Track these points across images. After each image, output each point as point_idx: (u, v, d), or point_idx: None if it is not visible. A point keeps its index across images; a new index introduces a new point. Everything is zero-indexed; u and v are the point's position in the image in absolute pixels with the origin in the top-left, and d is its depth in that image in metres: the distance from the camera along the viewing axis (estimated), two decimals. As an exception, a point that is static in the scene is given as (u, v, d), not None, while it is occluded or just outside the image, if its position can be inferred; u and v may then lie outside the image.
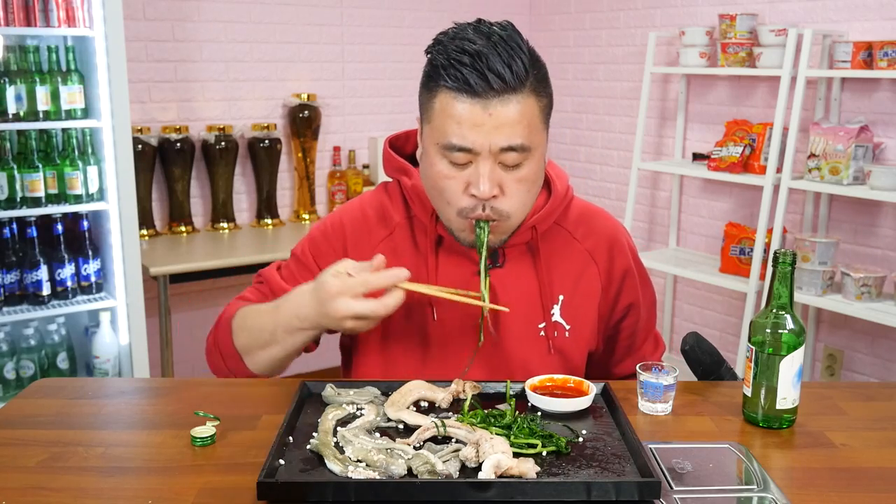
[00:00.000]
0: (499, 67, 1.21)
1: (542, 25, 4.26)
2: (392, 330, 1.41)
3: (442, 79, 1.24)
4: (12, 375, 2.82)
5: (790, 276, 1.20)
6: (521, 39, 1.26)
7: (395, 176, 1.45)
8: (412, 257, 1.41)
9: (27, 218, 2.75)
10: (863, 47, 2.85)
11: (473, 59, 1.22)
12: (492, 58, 1.21)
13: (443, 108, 1.25)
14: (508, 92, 1.22)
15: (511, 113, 1.23)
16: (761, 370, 1.21)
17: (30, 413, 1.25)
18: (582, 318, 1.44)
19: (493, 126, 1.22)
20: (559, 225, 1.44)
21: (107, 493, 1.02)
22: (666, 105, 3.78)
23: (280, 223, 3.63)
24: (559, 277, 1.43)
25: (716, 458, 1.11)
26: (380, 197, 1.47)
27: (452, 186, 1.28)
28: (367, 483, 0.99)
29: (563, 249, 1.44)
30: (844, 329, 3.18)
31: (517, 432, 1.10)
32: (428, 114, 1.29)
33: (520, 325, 1.40)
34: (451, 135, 1.24)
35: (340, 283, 1.21)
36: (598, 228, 1.47)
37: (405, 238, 1.43)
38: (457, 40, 1.25)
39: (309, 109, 3.63)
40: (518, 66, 1.22)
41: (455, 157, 1.26)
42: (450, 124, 1.24)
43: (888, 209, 3.00)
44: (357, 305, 1.21)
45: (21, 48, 2.71)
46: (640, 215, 3.93)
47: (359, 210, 1.46)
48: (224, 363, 1.41)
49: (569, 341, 1.43)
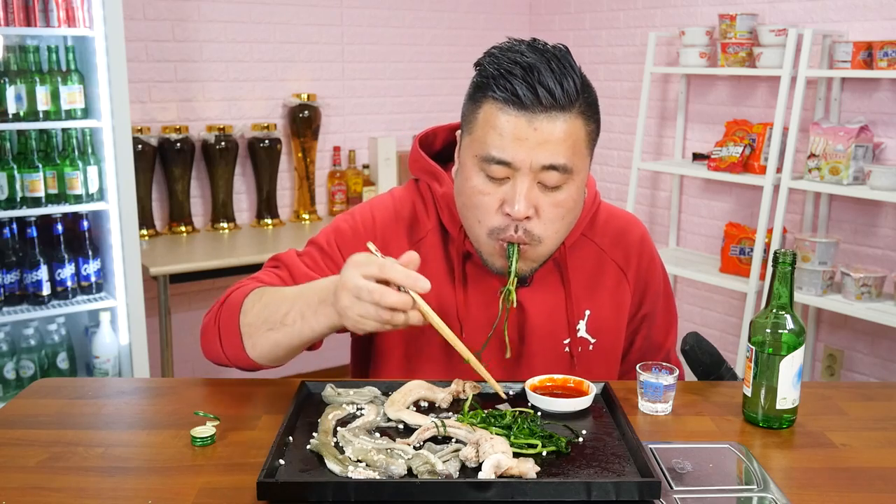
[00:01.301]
0: (550, 83, 1.18)
1: (542, 25, 4.26)
2: (416, 345, 1.39)
3: (490, 89, 1.21)
4: (12, 375, 2.83)
5: (790, 276, 1.20)
6: (575, 63, 1.23)
7: (425, 179, 1.40)
8: (441, 267, 1.37)
9: (27, 218, 2.75)
10: (863, 47, 2.85)
11: (526, 71, 1.18)
12: (544, 72, 1.18)
13: (487, 118, 1.21)
14: (556, 109, 1.19)
15: (557, 131, 1.19)
16: (761, 370, 1.21)
17: (30, 413, 1.25)
18: (610, 332, 1.42)
19: (536, 142, 1.19)
20: (587, 237, 1.42)
21: (107, 493, 1.02)
22: (666, 105, 3.78)
23: (280, 223, 3.63)
24: (587, 292, 1.41)
25: (716, 458, 1.11)
26: (412, 199, 1.41)
27: (486, 203, 1.23)
28: (367, 483, 0.98)
29: (592, 262, 1.42)
30: (844, 329, 3.18)
31: (517, 432, 1.10)
32: (470, 125, 1.25)
33: (544, 343, 1.39)
34: (491, 146, 1.20)
35: (364, 257, 1.11)
36: (627, 239, 1.45)
37: (435, 246, 1.38)
38: (510, 52, 1.22)
39: (309, 109, 3.63)
40: (570, 84, 1.19)
41: (493, 171, 1.21)
42: (492, 135, 1.20)
43: (888, 209, 3.00)
44: (361, 283, 1.08)
45: (21, 48, 2.71)
46: (641, 215, 3.93)
47: (392, 209, 1.40)
48: (220, 343, 1.29)
49: (593, 356, 1.41)
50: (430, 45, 4.01)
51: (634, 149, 3.64)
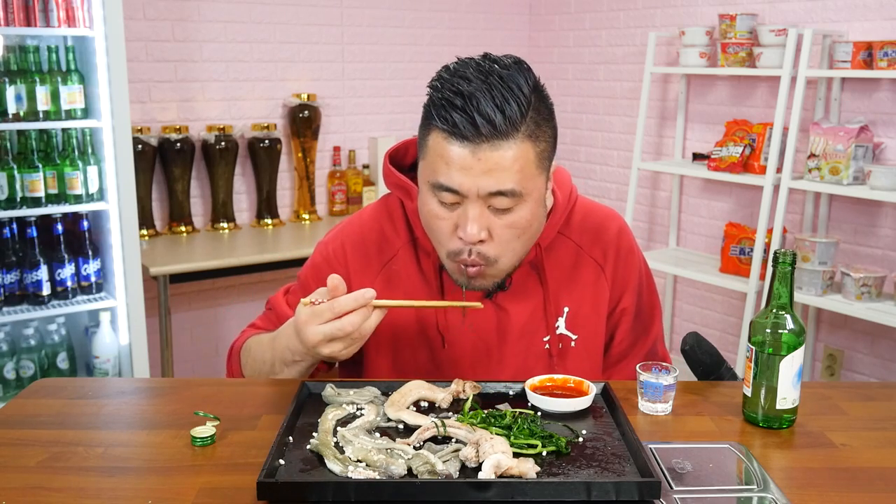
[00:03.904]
0: (489, 112, 1.17)
1: (542, 25, 4.26)
2: (401, 360, 1.41)
3: (433, 119, 1.21)
4: (12, 375, 2.83)
5: (790, 276, 1.19)
6: (525, 79, 1.21)
7: (396, 193, 1.42)
8: (417, 280, 1.40)
9: (27, 218, 2.75)
10: (863, 47, 2.85)
11: (466, 101, 1.17)
12: (483, 101, 1.17)
13: (434, 147, 1.23)
14: (499, 137, 1.18)
15: (500, 159, 1.19)
16: (761, 370, 1.21)
17: (30, 413, 1.25)
18: (591, 327, 1.43)
19: (481, 170, 1.19)
20: (563, 235, 1.43)
21: (107, 493, 1.02)
22: (666, 105, 3.78)
23: (280, 223, 3.63)
24: (566, 289, 1.42)
25: (716, 458, 1.11)
26: (380, 218, 1.44)
27: (442, 227, 1.26)
28: (367, 483, 0.98)
29: (570, 260, 1.43)
30: (844, 329, 3.18)
31: (517, 432, 1.10)
32: (423, 150, 1.26)
33: (524, 341, 1.40)
34: (439, 174, 1.22)
35: (308, 312, 1.20)
36: (605, 234, 1.45)
37: (409, 261, 1.41)
38: (455, 79, 1.21)
39: (309, 109, 3.63)
40: (512, 109, 1.18)
41: (444, 197, 1.23)
42: (439, 164, 1.21)
43: (888, 209, 3.00)
44: (325, 328, 1.18)
45: (21, 48, 2.71)
46: (640, 215, 3.93)
47: (359, 235, 1.44)
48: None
49: (576, 351, 1.43)
50: (430, 45, 4.01)
51: (634, 149, 3.64)
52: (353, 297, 1.18)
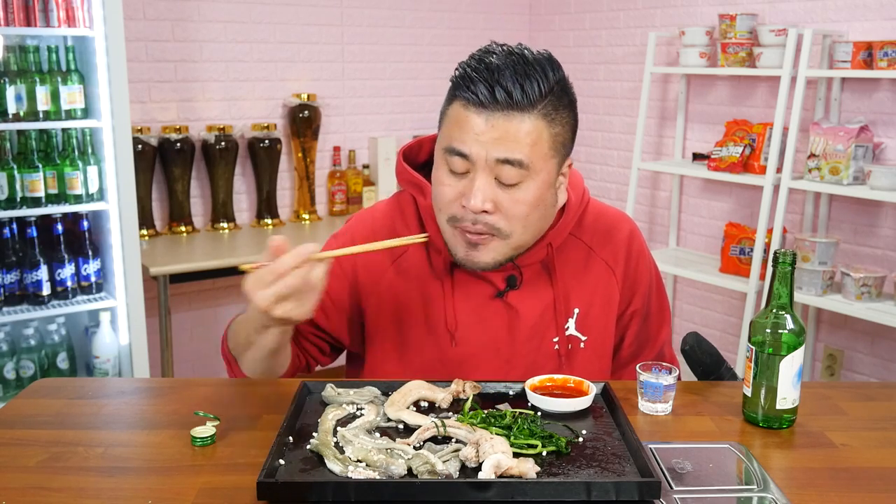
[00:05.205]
0: (508, 84, 1.21)
1: (542, 25, 4.26)
2: (408, 359, 1.41)
3: (457, 89, 1.26)
4: (12, 375, 2.83)
5: (790, 276, 1.20)
6: (553, 68, 1.25)
7: (409, 190, 1.43)
8: (427, 278, 1.40)
9: (27, 218, 2.75)
10: (863, 47, 2.85)
11: (490, 72, 1.22)
12: (506, 74, 1.22)
13: (453, 115, 1.27)
14: (514, 109, 1.22)
15: (512, 129, 1.23)
16: (761, 370, 1.21)
17: (30, 413, 1.25)
18: (600, 328, 1.44)
19: (491, 137, 1.23)
20: (575, 236, 1.43)
21: (107, 493, 1.02)
22: (666, 105, 3.78)
23: (280, 223, 3.63)
24: (576, 290, 1.42)
25: (716, 458, 1.11)
26: (392, 214, 1.45)
27: (447, 193, 1.28)
28: (367, 483, 0.98)
29: (581, 261, 1.43)
30: (844, 329, 3.18)
31: (517, 432, 1.10)
32: (442, 121, 1.31)
33: (534, 341, 1.40)
34: (452, 139, 1.26)
35: (252, 279, 1.15)
36: (616, 237, 1.46)
37: (420, 259, 1.41)
38: (485, 55, 1.26)
39: (309, 109, 3.63)
40: (532, 87, 1.22)
41: (454, 164, 1.26)
42: (454, 130, 1.26)
43: (888, 209, 3.00)
44: (270, 290, 1.13)
45: (21, 48, 2.71)
46: (640, 215, 3.93)
47: (370, 229, 1.44)
48: (229, 368, 1.43)
49: (585, 353, 1.43)
50: (430, 45, 4.01)
51: (634, 149, 3.64)
52: (291, 255, 1.13)
